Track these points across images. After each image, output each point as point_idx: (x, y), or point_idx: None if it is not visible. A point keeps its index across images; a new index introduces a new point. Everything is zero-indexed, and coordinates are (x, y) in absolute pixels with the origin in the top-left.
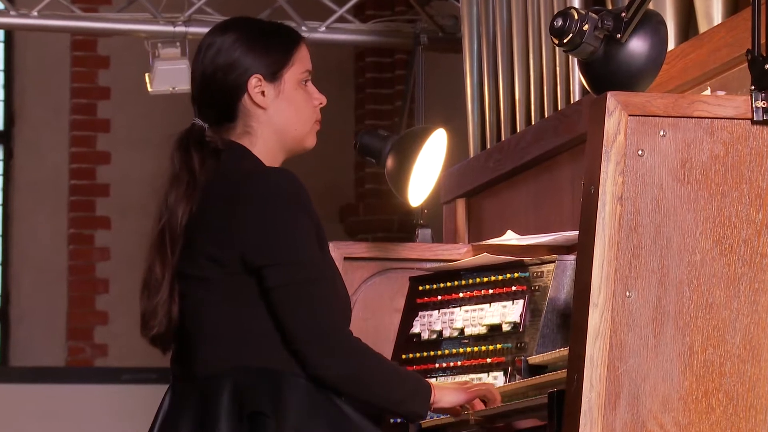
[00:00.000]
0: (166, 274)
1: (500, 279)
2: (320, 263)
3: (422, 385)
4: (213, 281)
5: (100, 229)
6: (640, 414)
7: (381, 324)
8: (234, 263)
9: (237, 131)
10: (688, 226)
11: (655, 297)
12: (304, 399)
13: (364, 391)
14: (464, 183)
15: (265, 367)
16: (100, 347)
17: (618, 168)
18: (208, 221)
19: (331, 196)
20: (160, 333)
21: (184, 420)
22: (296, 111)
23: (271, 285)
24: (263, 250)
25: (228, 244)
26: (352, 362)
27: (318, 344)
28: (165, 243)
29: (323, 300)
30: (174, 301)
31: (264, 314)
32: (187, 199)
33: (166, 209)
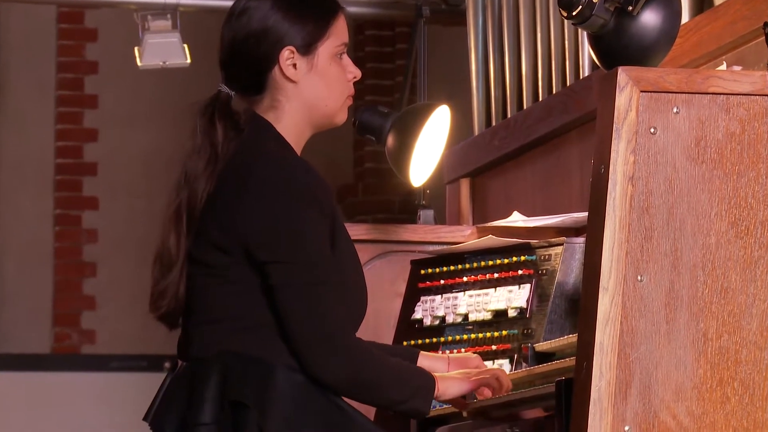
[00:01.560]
0: (180, 253)
1: (506, 262)
2: (328, 265)
3: (425, 381)
4: (217, 267)
5: (87, 210)
6: (652, 403)
7: (381, 309)
8: (238, 253)
9: (264, 104)
10: (702, 208)
11: (668, 281)
12: (296, 393)
13: (365, 395)
14: (468, 162)
15: (260, 357)
16: (87, 333)
17: (629, 146)
18: (217, 205)
19: (329, 176)
20: (167, 312)
21: (176, 401)
22: (328, 86)
23: (275, 283)
24: (268, 246)
25: (233, 233)
26: (353, 367)
27: (317, 348)
28: (182, 220)
29: (326, 303)
30: (183, 281)
31: (264, 306)
32: (209, 176)
33: (185, 183)
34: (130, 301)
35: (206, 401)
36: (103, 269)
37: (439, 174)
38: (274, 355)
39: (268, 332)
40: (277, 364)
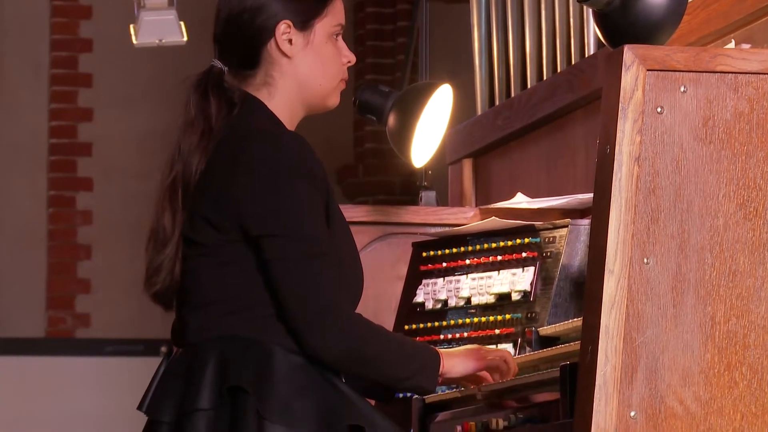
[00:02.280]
0: (175, 229)
1: (509, 245)
2: (324, 238)
3: (430, 357)
4: (211, 247)
5: (81, 191)
6: (659, 388)
7: (382, 293)
8: (232, 230)
9: (257, 80)
10: (710, 189)
11: (675, 264)
12: (295, 376)
13: (366, 370)
14: (471, 142)
15: (258, 340)
16: (81, 317)
17: (635, 126)
18: (209, 182)
19: (329, 157)
20: (161, 290)
21: (173, 388)
22: (323, 65)
23: (269, 257)
24: (262, 220)
25: (226, 209)
26: (350, 341)
27: (315, 324)
28: (177, 195)
29: (323, 277)
30: (178, 258)
31: (260, 286)
32: (203, 149)
33: (179, 158)
34: (125, 284)
35: (204, 387)
36: (98, 252)
37: (441, 154)
38: (272, 336)
39: (265, 313)
40: (275, 347)
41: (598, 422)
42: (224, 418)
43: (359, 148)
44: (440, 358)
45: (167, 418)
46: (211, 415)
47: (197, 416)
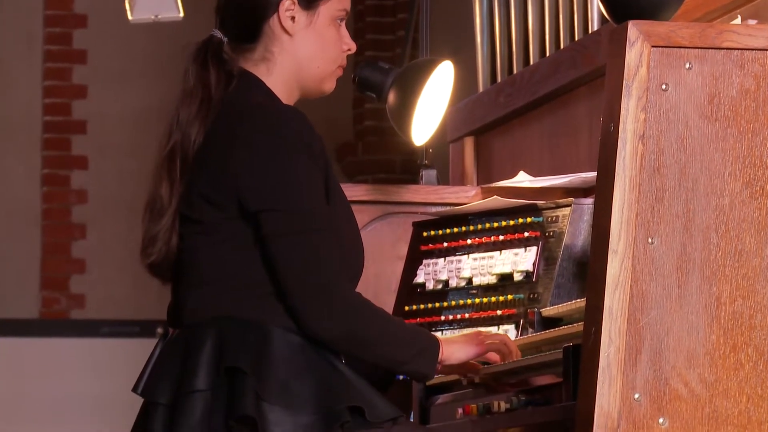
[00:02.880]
0: (173, 199)
1: (511, 224)
2: (323, 214)
3: (430, 343)
4: (208, 225)
5: (76, 170)
6: (663, 370)
7: (382, 273)
8: (230, 207)
9: (255, 55)
10: (715, 167)
11: (680, 244)
12: (293, 357)
13: (364, 351)
14: (473, 120)
15: (256, 320)
16: (76, 298)
17: (640, 104)
18: (206, 158)
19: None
20: (157, 261)
21: (169, 370)
22: (323, 47)
23: (266, 232)
24: (261, 195)
25: (224, 185)
26: (349, 321)
27: (313, 300)
28: (175, 165)
29: (322, 252)
30: (175, 230)
31: (258, 263)
32: (202, 119)
33: (177, 127)
34: (121, 264)
35: (201, 368)
36: (92, 231)
37: (442, 132)
38: (270, 315)
39: (264, 292)
40: (273, 327)
41: (601, 405)
42: (221, 399)
43: (359, 126)
44: (440, 344)
45: (164, 400)
46: (208, 396)
47: (194, 397)
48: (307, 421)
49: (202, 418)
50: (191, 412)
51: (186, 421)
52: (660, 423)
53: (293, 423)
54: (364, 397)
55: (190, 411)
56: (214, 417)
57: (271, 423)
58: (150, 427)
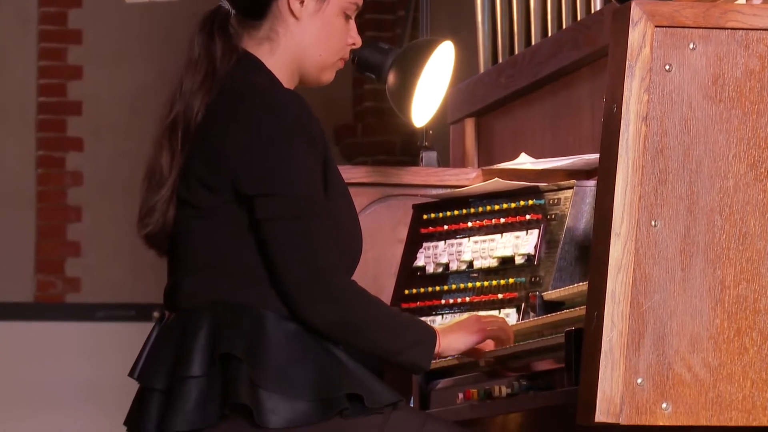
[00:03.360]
0: (173, 170)
1: (513, 207)
2: (319, 201)
3: (425, 333)
4: (204, 209)
5: (71, 151)
6: (666, 355)
7: (382, 256)
8: (225, 191)
9: (260, 34)
10: (719, 149)
11: (683, 226)
12: (289, 343)
13: (357, 340)
14: (473, 101)
15: (252, 306)
16: (71, 281)
17: (643, 84)
18: (204, 138)
19: (327, 116)
20: (153, 232)
21: (165, 354)
22: (328, 37)
23: (261, 217)
24: (257, 180)
25: (220, 169)
26: (342, 308)
27: (306, 287)
28: (176, 135)
29: (316, 239)
30: (173, 202)
31: (254, 248)
32: (206, 91)
33: (180, 97)
34: (117, 247)
35: (195, 353)
36: (88, 213)
37: (442, 113)
38: (266, 301)
39: (260, 277)
40: (269, 313)
41: (603, 389)
42: (216, 385)
43: (358, 107)
44: (436, 336)
45: (159, 386)
46: (203, 382)
47: (188, 383)
48: (304, 408)
49: (196, 404)
50: (186, 398)
51: (181, 407)
52: (663, 408)
53: (290, 410)
54: (363, 383)
55: (185, 397)
56: (209, 403)
57: (267, 410)
58: (145, 412)
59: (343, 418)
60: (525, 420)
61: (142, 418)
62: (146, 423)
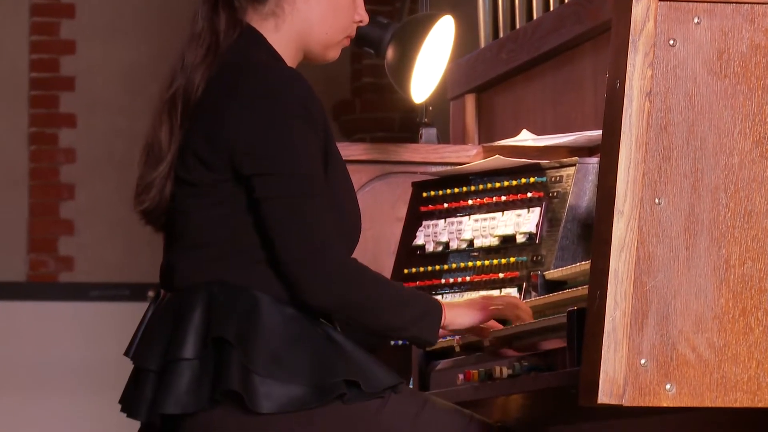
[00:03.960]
0: (172, 145)
1: (514, 184)
2: (318, 179)
3: (431, 307)
4: (202, 187)
5: (64, 128)
6: (670, 335)
7: (381, 235)
8: (224, 169)
9: (266, 9)
10: (725, 125)
11: (688, 204)
12: (286, 327)
13: (360, 318)
14: (474, 76)
15: (248, 287)
16: (65, 260)
17: (646, 60)
18: (203, 114)
19: (324, 92)
20: (150, 209)
21: (159, 335)
22: (335, 13)
23: (260, 196)
24: (255, 158)
25: (219, 146)
26: (343, 286)
27: (306, 266)
28: (176, 109)
29: (316, 217)
30: (170, 178)
31: (251, 228)
32: (207, 65)
33: (181, 71)
34: (111, 226)
35: (189, 335)
36: (81, 191)
37: (442, 89)
38: (262, 283)
39: (257, 258)
40: (264, 295)
41: (606, 370)
42: (209, 369)
43: (356, 83)
44: (442, 308)
45: (153, 366)
46: (196, 365)
47: (181, 365)
48: (300, 393)
49: (188, 387)
50: (178, 381)
51: (173, 389)
52: (667, 389)
53: (285, 395)
54: (360, 368)
55: (177, 379)
56: (202, 387)
57: (260, 395)
58: (140, 393)
59: (343, 403)
60: (526, 401)
61: (137, 398)
62: (140, 404)
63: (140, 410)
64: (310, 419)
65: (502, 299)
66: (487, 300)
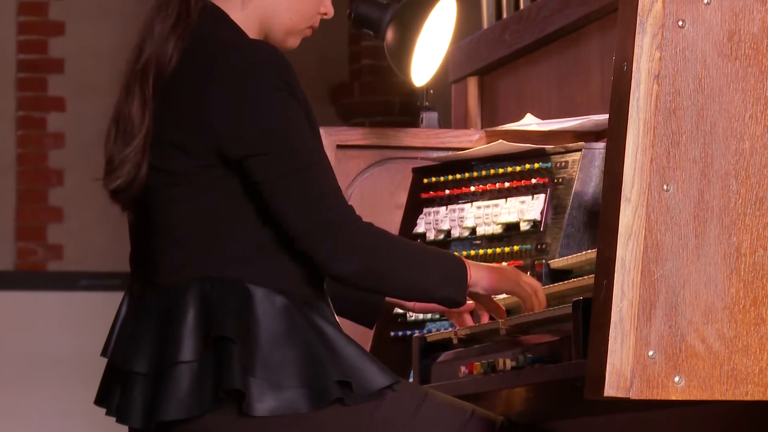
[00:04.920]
0: (145, 118)
1: (518, 170)
2: (313, 147)
3: (455, 265)
4: (183, 175)
5: (53, 112)
6: (679, 326)
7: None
8: (206, 153)
9: None
10: (735, 109)
11: (697, 191)
12: (277, 322)
13: (386, 285)
14: (476, 59)
15: (239, 280)
16: (53, 248)
17: (655, 41)
18: (176, 99)
19: (322, 74)
20: (122, 187)
21: (145, 336)
22: (299, 2)
23: (260, 179)
24: (244, 140)
25: (200, 132)
26: (365, 255)
27: (324, 239)
28: (148, 81)
29: (322, 187)
30: (146, 153)
31: (242, 215)
32: (179, 35)
33: (151, 41)
34: (101, 213)
35: (185, 337)
36: (70, 177)
37: (443, 72)
38: (254, 274)
39: (247, 247)
40: (258, 288)
41: (613, 363)
42: (209, 369)
43: (355, 65)
44: (467, 267)
45: (141, 369)
46: (195, 367)
47: (180, 369)
48: (292, 397)
49: (190, 390)
50: (178, 385)
51: (173, 393)
52: (676, 382)
53: (277, 397)
54: (352, 367)
55: (177, 383)
56: (204, 389)
57: (254, 398)
58: (130, 397)
59: (342, 406)
60: (530, 394)
61: (128, 403)
62: (132, 408)
63: (134, 416)
64: (307, 420)
65: (532, 279)
66: (517, 274)
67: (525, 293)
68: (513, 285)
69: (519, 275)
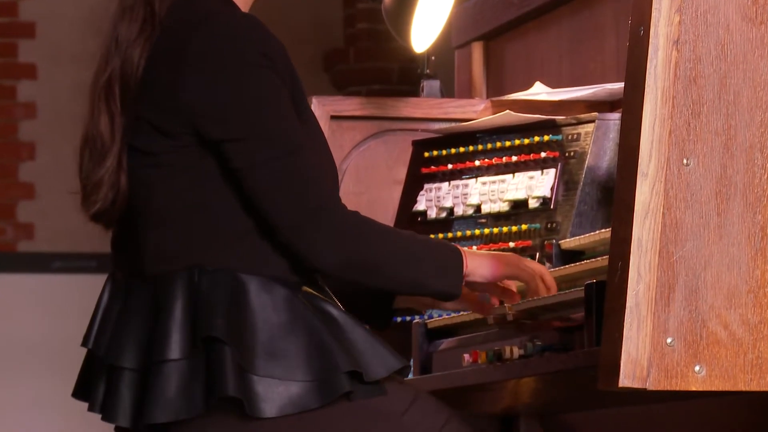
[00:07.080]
0: (115, 134)
1: (526, 143)
2: (296, 130)
3: (450, 255)
4: (161, 156)
5: (23, 80)
6: (700, 310)
7: (377, 199)
8: (183, 135)
9: None
10: (760, 77)
11: (719, 165)
12: (276, 312)
13: (376, 278)
14: (482, 22)
15: (231, 269)
16: (24, 228)
17: (674, 4)
18: (152, 80)
19: (314, 39)
20: (103, 209)
21: (131, 329)
22: None
23: (239, 166)
24: (223, 122)
25: (177, 111)
26: (352, 246)
27: (306, 229)
28: (114, 95)
29: (305, 173)
30: (122, 169)
31: (226, 198)
32: (146, 39)
33: (116, 50)
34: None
35: (172, 333)
36: (43, 150)
37: (446, 37)
38: (246, 262)
39: (235, 232)
40: (252, 278)
41: (629, 350)
42: (199, 369)
43: (350, 29)
44: (462, 256)
45: (129, 365)
46: (183, 365)
47: (167, 367)
48: (300, 392)
49: (178, 390)
50: (165, 385)
51: (161, 393)
52: (696, 371)
53: (285, 396)
54: (361, 353)
55: (163, 383)
56: (194, 390)
57: (258, 397)
58: (117, 394)
59: (349, 401)
60: (539, 385)
61: (114, 401)
62: (119, 406)
63: (122, 415)
64: (315, 421)
65: (533, 263)
66: (517, 258)
67: (528, 275)
68: (514, 269)
69: (519, 259)
